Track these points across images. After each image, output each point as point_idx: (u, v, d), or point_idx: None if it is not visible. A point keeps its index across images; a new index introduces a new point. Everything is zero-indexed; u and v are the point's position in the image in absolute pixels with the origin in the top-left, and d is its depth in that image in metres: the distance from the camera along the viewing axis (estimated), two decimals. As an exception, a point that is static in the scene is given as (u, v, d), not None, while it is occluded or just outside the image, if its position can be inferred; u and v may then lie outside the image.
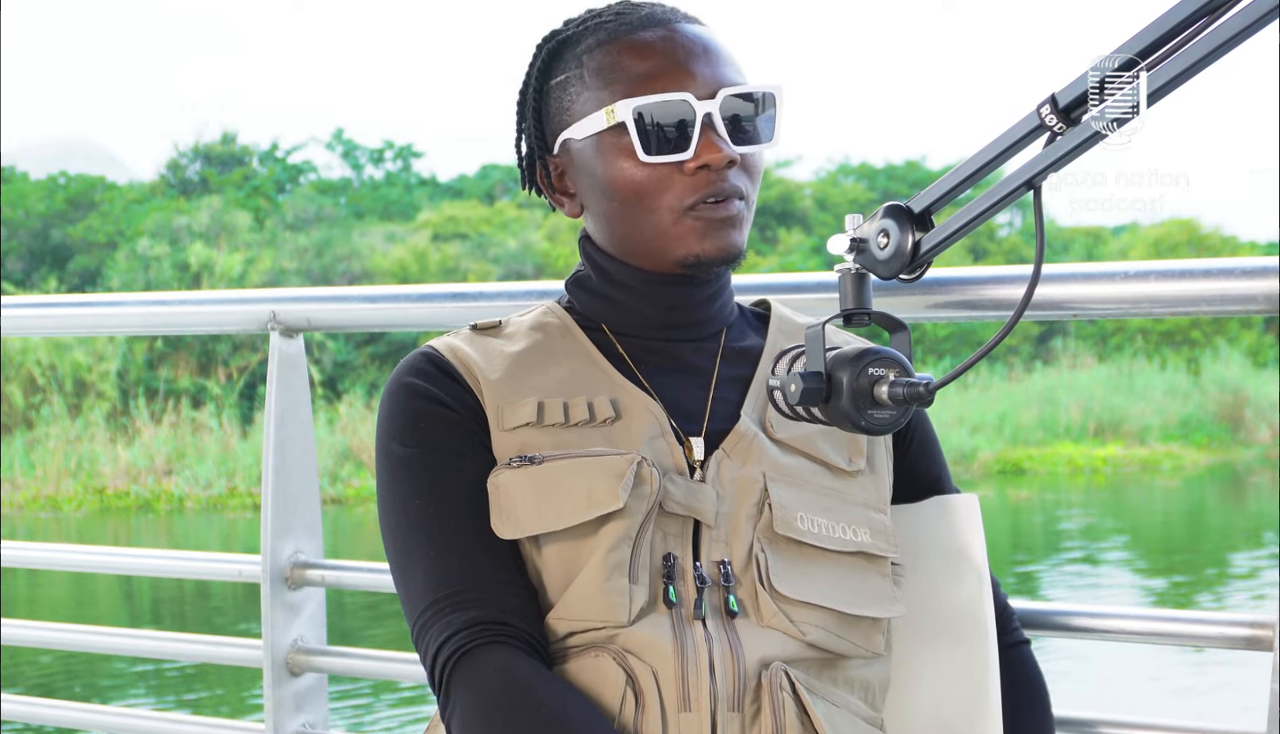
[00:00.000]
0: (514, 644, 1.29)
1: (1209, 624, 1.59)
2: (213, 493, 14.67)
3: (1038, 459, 15.80)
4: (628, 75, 1.35)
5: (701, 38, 1.38)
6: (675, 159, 1.33)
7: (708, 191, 1.34)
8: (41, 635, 2.46)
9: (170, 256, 18.93)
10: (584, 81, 1.38)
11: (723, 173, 1.34)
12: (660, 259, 1.38)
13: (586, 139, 1.37)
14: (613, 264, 1.41)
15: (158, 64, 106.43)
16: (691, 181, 1.34)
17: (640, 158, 1.33)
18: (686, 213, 1.35)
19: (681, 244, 1.36)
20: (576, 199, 1.42)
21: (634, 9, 1.40)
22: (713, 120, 1.33)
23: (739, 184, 1.35)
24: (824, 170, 26.18)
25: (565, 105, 1.39)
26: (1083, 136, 1.07)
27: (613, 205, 1.37)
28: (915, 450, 1.50)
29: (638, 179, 1.35)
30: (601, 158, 1.36)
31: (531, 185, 1.47)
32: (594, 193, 1.39)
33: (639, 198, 1.35)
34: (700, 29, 1.39)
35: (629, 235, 1.38)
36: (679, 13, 1.40)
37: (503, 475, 1.33)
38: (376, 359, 18.04)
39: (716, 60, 1.36)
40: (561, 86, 1.40)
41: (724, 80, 1.35)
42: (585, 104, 1.37)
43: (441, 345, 1.41)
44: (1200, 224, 21.04)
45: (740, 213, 1.36)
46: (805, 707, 1.29)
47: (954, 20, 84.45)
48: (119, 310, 2.44)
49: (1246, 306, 1.51)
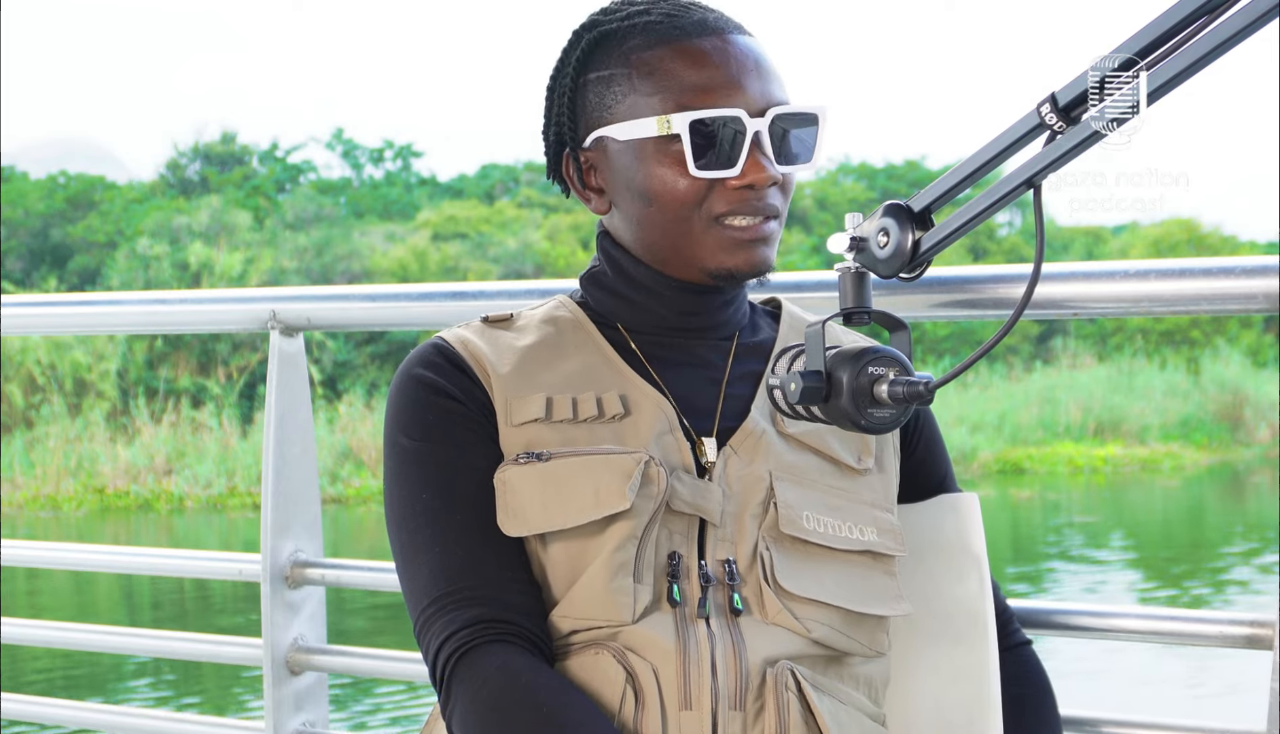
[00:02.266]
0: (516, 642, 1.29)
1: (1209, 623, 1.59)
2: (213, 492, 14.66)
3: (1037, 459, 15.80)
4: (681, 83, 1.33)
5: (753, 51, 1.36)
6: (722, 175, 1.32)
7: (744, 208, 1.33)
8: (41, 635, 2.47)
9: (170, 256, 18.92)
10: (631, 82, 1.35)
11: (763, 191, 1.34)
12: (688, 267, 1.37)
13: (629, 141, 1.35)
14: (634, 265, 1.40)
15: (158, 64, 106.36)
16: (732, 196, 1.33)
17: (690, 170, 1.32)
18: (718, 222, 1.34)
19: (713, 256, 1.35)
20: (605, 196, 1.40)
21: (685, 11, 1.37)
22: (761, 139, 1.32)
23: (775, 203, 1.35)
24: (824, 170, 26.16)
25: (607, 102, 1.37)
26: (1082, 136, 1.07)
27: (649, 210, 1.36)
28: (922, 450, 1.50)
29: (681, 189, 1.33)
30: (643, 162, 1.35)
31: (557, 177, 1.44)
32: (628, 194, 1.37)
33: (679, 207, 1.34)
34: (752, 41, 1.37)
35: (659, 241, 1.37)
36: (732, 22, 1.38)
37: (510, 472, 1.33)
38: (376, 359, 18.03)
39: (767, 76, 1.35)
40: (604, 82, 1.37)
41: (773, 98, 1.34)
42: (631, 106, 1.35)
43: (452, 337, 1.40)
44: (1200, 224, 21.05)
45: (773, 231, 1.36)
46: (810, 704, 1.29)
47: (954, 20, 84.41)
48: (119, 309, 2.44)
49: (1246, 306, 1.51)
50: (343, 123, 59.89)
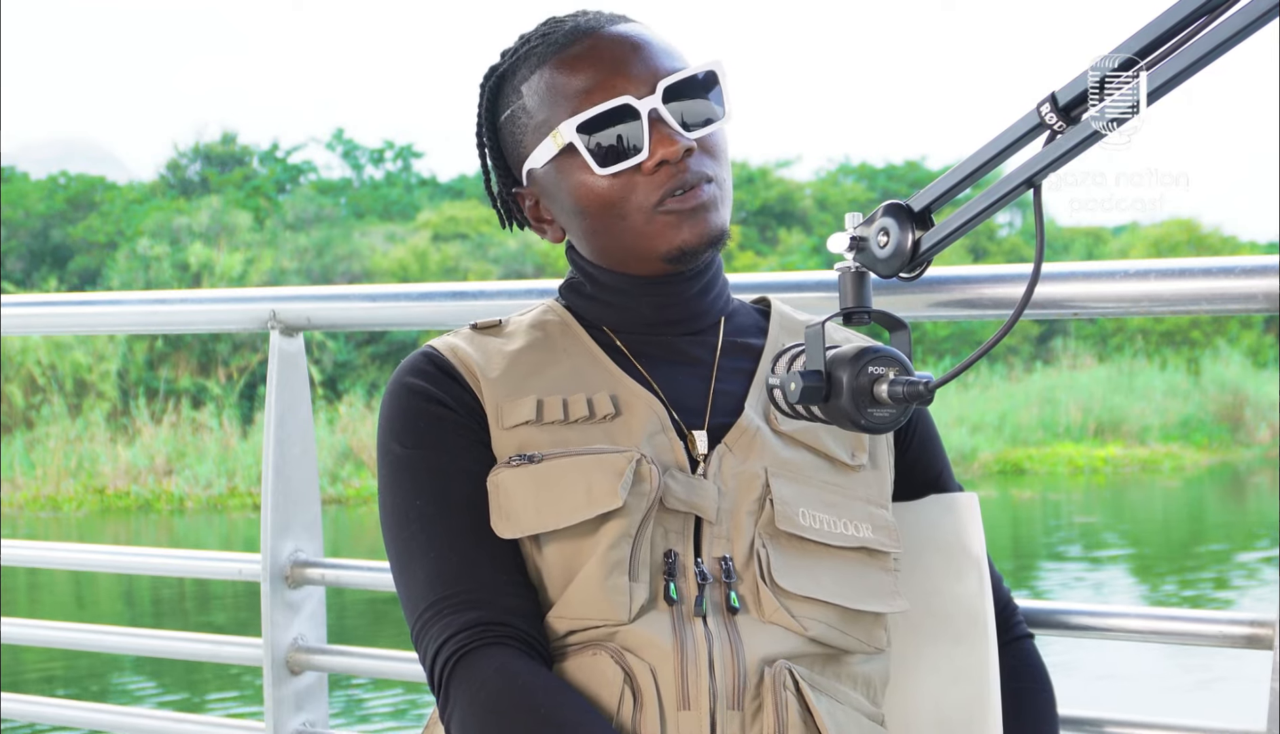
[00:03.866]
0: (513, 645, 1.29)
1: (1209, 623, 1.59)
2: (213, 493, 14.67)
3: (1038, 459, 15.80)
4: (565, 95, 1.35)
5: (629, 36, 1.37)
6: (632, 163, 1.33)
7: (672, 185, 1.34)
8: (42, 635, 2.46)
9: (170, 256, 18.93)
10: (527, 112, 1.39)
11: (683, 164, 1.34)
12: (645, 261, 1.38)
13: (546, 166, 1.38)
14: (602, 273, 1.42)
15: (158, 64, 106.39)
16: (655, 179, 1.34)
17: (597, 172, 1.34)
18: (656, 210, 1.35)
19: (661, 240, 1.35)
20: (555, 224, 1.44)
21: (558, 25, 1.40)
22: (659, 114, 1.33)
23: (702, 169, 1.35)
24: (824, 170, 26.22)
25: (518, 137, 1.41)
26: (1082, 136, 1.07)
27: (586, 222, 1.38)
28: (917, 447, 1.50)
29: (601, 191, 1.35)
30: (563, 180, 1.37)
31: (510, 222, 1.49)
32: (566, 214, 1.40)
33: (608, 208, 1.35)
34: (628, 26, 1.38)
35: (609, 246, 1.39)
36: (604, 16, 1.40)
37: (502, 474, 1.33)
38: (376, 359, 18.04)
39: (650, 54, 1.36)
40: (511, 121, 1.41)
41: (660, 71, 1.35)
42: (535, 132, 1.38)
43: (441, 345, 1.41)
44: (1200, 224, 21.06)
45: (712, 196, 1.36)
46: (808, 704, 1.29)
47: (954, 20, 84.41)
48: (119, 309, 2.43)
49: (1246, 306, 1.51)
50: (343, 123, 59.90)
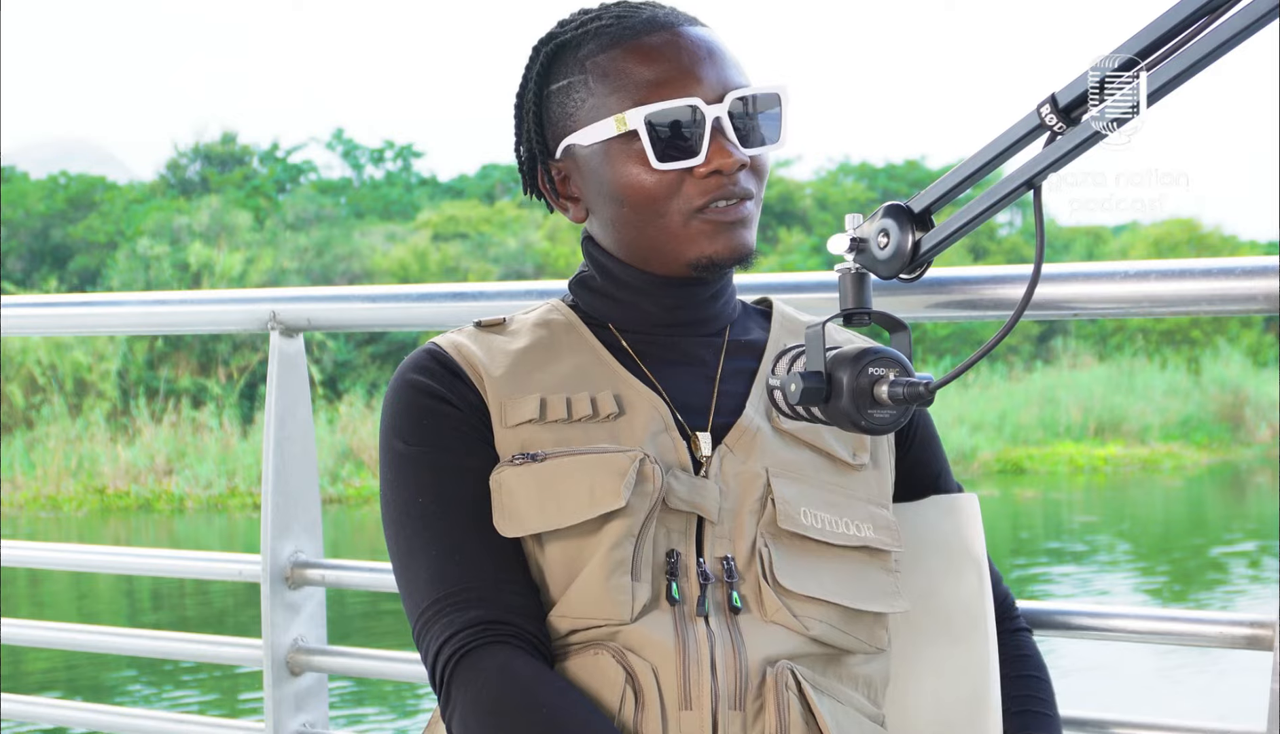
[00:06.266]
0: (515, 644, 1.29)
1: (1209, 624, 1.59)
2: (213, 493, 14.66)
3: (1038, 459, 15.80)
4: (635, 81, 1.35)
5: (706, 40, 1.37)
6: (687, 165, 1.34)
7: (718, 194, 1.34)
8: (42, 635, 2.46)
9: (170, 256, 18.93)
10: (589, 87, 1.37)
11: (733, 176, 1.35)
12: (670, 262, 1.38)
13: (594, 145, 1.37)
14: (618, 266, 1.41)
15: (158, 64, 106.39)
16: (702, 185, 1.34)
17: (653, 165, 1.34)
18: (695, 215, 1.35)
19: (693, 246, 1.36)
20: (581, 203, 1.42)
21: (635, 11, 1.40)
22: (722, 125, 1.34)
23: (748, 186, 1.36)
24: (824, 170, 26.22)
25: (569, 111, 1.39)
26: (1083, 136, 1.07)
27: (623, 210, 1.37)
28: (917, 448, 1.50)
29: (649, 185, 1.35)
30: (610, 164, 1.36)
31: (533, 190, 1.47)
32: (601, 198, 1.39)
33: (650, 203, 1.35)
34: (704, 31, 1.39)
35: (638, 240, 1.38)
36: (681, 15, 1.40)
37: (505, 473, 1.33)
38: (377, 359, 18.03)
39: (722, 63, 1.37)
40: (564, 91, 1.39)
41: (730, 83, 1.36)
42: (591, 110, 1.37)
43: (445, 342, 1.41)
44: (1200, 224, 21.06)
45: (750, 213, 1.37)
46: (810, 705, 1.29)
47: (954, 20, 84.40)
48: (119, 310, 2.44)
49: (1246, 306, 1.51)
50: (343, 123, 59.95)
